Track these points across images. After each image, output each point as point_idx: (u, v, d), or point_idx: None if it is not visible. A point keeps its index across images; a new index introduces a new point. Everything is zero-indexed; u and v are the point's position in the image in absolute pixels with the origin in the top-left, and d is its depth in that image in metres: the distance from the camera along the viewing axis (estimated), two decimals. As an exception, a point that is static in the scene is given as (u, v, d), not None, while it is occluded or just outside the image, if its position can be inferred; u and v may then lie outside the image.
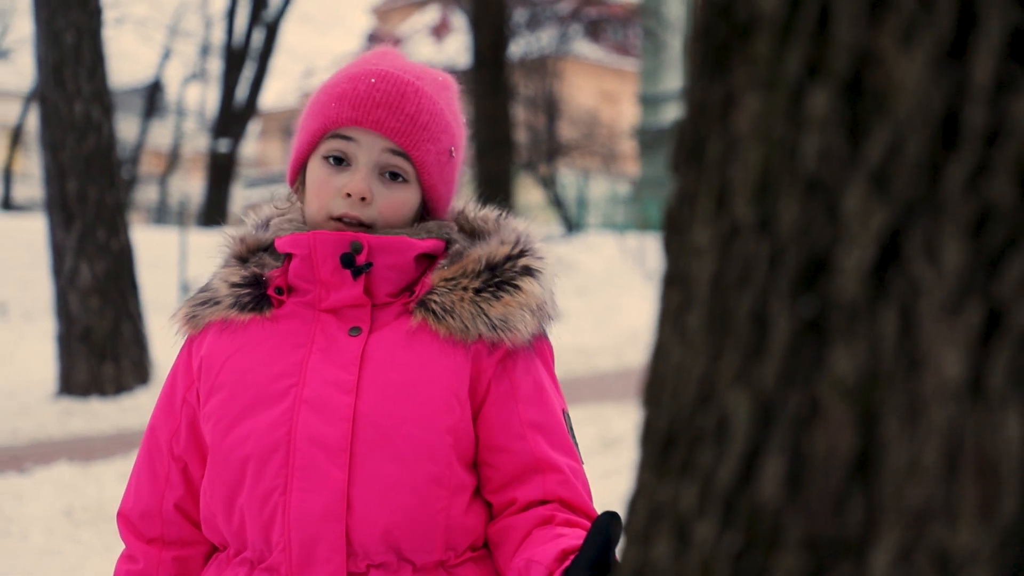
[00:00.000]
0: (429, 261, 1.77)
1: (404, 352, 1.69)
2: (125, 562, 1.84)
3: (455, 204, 1.85)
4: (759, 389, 0.69)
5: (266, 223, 1.85)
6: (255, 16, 27.81)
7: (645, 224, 25.55)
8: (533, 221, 1.87)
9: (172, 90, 40.79)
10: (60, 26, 9.77)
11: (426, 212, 1.81)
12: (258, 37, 27.91)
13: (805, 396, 0.67)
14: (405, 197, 1.75)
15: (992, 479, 0.60)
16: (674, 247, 0.79)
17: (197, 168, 40.90)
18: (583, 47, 38.83)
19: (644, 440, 0.79)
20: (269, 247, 1.82)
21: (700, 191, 0.76)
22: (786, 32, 0.70)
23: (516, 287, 1.71)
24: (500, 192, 16.43)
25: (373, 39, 40.84)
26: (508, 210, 1.88)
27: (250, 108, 28.36)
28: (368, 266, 1.70)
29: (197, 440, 1.78)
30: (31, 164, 34.39)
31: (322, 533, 1.64)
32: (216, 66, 32.63)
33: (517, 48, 26.78)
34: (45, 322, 13.71)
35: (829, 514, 0.65)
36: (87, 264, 9.77)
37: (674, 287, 0.78)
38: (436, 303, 1.69)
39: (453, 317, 1.68)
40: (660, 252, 0.82)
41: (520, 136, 25.62)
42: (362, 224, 1.72)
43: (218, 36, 35.68)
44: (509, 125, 18.04)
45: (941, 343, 0.62)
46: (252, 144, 38.13)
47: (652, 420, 0.78)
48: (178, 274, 17.23)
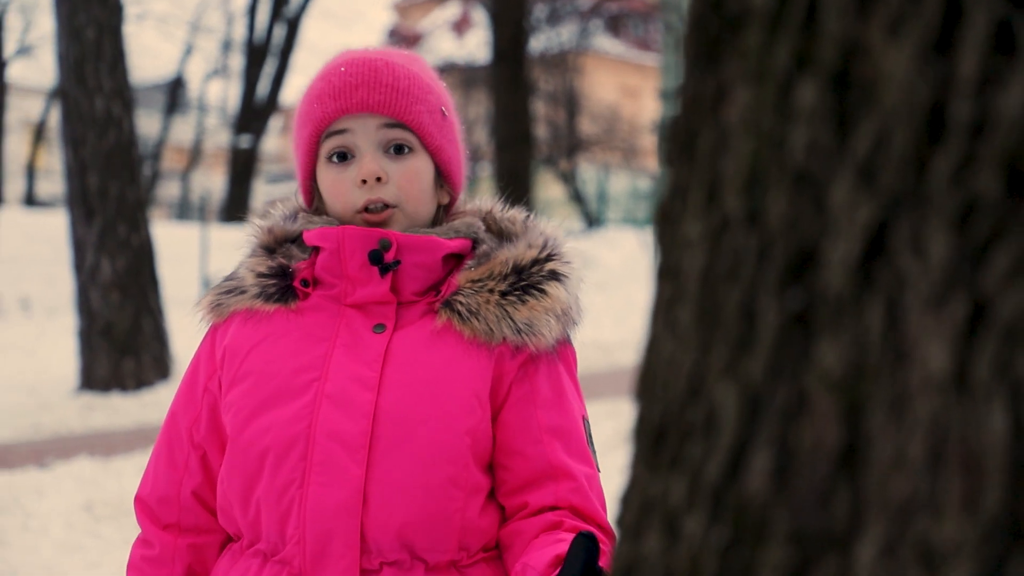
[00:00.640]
0: (456, 261, 1.78)
1: (427, 351, 1.70)
2: (140, 546, 1.86)
3: (482, 203, 1.86)
4: (747, 382, 0.69)
5: (294, 214, 1.85)
6: (276, 12, 27.88)
7: (666, 219, 25.42)
8: (559, 222, 1.87)
9: (194, 86, 41.02)
10: (81, 22, 9.81)
11: (443, 181, 1.81)
12: (279, 33, 27.99)
13: (792, 389, 0.66)
14: (418, 166, 1.76)
15: (976, 472, 0.60)
16: (667, 240, 0.79)
17: (219, 164, 41.03)
18: (604, 42, 38.78)
19: (637, 434, 0.79)
20: (296, 238, 1.82)
21: (692, 184, 0.76)
22: (775, 24, 0.70)
23: (542, 291, 1.71)
24: (520, 187, 16.47)
25: (394, 35, 40.87)
26: (533, 209, 1.89)
27: (271, 104, 28.44)
28: (396, 264, 1.71)
29: (217, 428, 1.79)
30: (54, 160, 34.55)
31: (337, 528, 1.64)
32: (237, 62, 32.78)
33: (537, 43, 26.78)
34: (68, 318, 13.78)
35: (815, 507, 0.65)
36: (108, 259, 9.81)
37: (666, 280, 0.78)
38: (462, 304, 1.70)
39: (478, 319, 1.69)
40: (654, 245, 0.82)
41: (541, 131, 25.62)
42: (387, 205, 1.73)
43: (239, 32, 35.76)
44: (529, 120, 18.03)
45: (926, 336, 0.62)
46: (273, 140, 38.23)
47: (644, 414, 0.78)
48: (199, 269, 17.30)
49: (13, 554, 5.32)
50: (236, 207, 26.35)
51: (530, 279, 1.72)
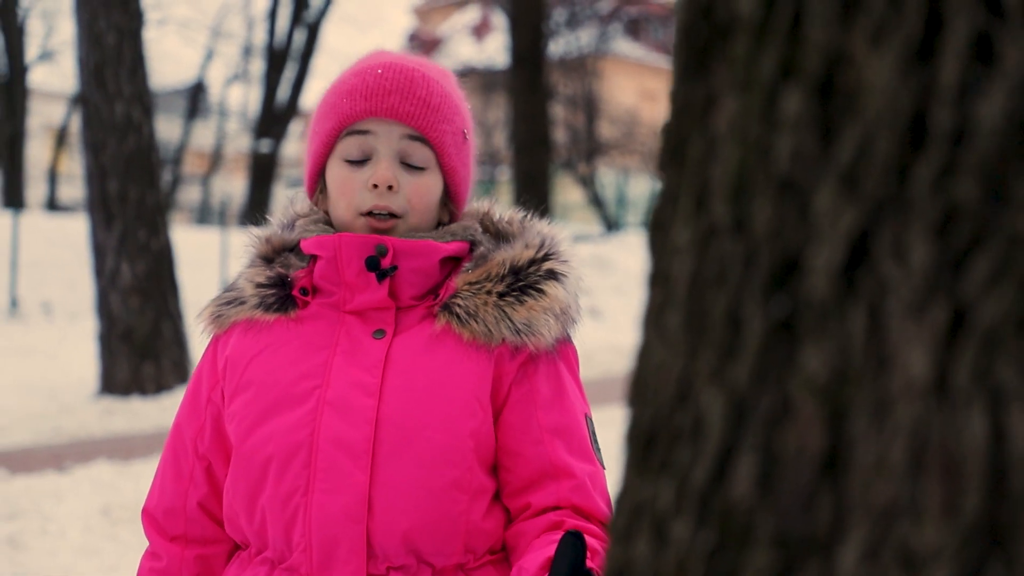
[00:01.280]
0: (454, 264, 1.78)
1: (427, 355, 1.70)
2: (149, 559, 1.87)
3: (480, 205, 1.86)
4: (733, 388, 0.69)
5: (292, 223, 1.85)
6: (296, 17, 27.93)
7: (685, 223, 25.41)
8: (558, 222, 1.87)
9: (215, 91, 41.22)
10: (101, 28, 9.87)
11: (448, 200, 1.82)
12: (299, 38, 28.03)
13: (777, 395, 0.67)
14: (430, 183, 1.76)
15: (956, 477, 0.61)
16: (658, 246, 0.79)
17: (239, 168, 41.17)
18: (623, 46, 38.75)
19: (628, 439, 0.80)
20: (295, 247, 1.83)
21: (681, 191, 0.77)
22: (761, 33, 0.70)
23: (540, 291, 1.71)
24: (538, 191, 16.48)
25: (414, 39, 40.94)
26: (538, 211, 1.89)
27: (292, 108, 28.49)
28: (393, 269, 1.71)
29: (221, 439, 1.80)
30: (75, 165, 34.73)
31: (342, 534, 1.65)
32: (258, 67, 32.89)
33: (557, 47, 26.78)
34: (89, 322, 13.86)
35: (799, 512, 0.65)
36: (128, 264, 9.86)
37: (657, 286, 0.78)
38: (460, 307, 1.70)
39: (477, 321, 1.69)
40: (646, 251, 0.82)
41: (560, 135, 25.62)
42: (393, 215, 1.73)
43: (260, 37, 35.83)
44: (547, 124, 18.04)
45: (908, 342, 0.62)
46: (294, 144, 38.32)
47: (635, 419, 0.79)
48: (219, 274, 17.36)
49: (31, 558, 5.34)
50: (256, 212, 26.35)
51: (528, 279, 1.72)
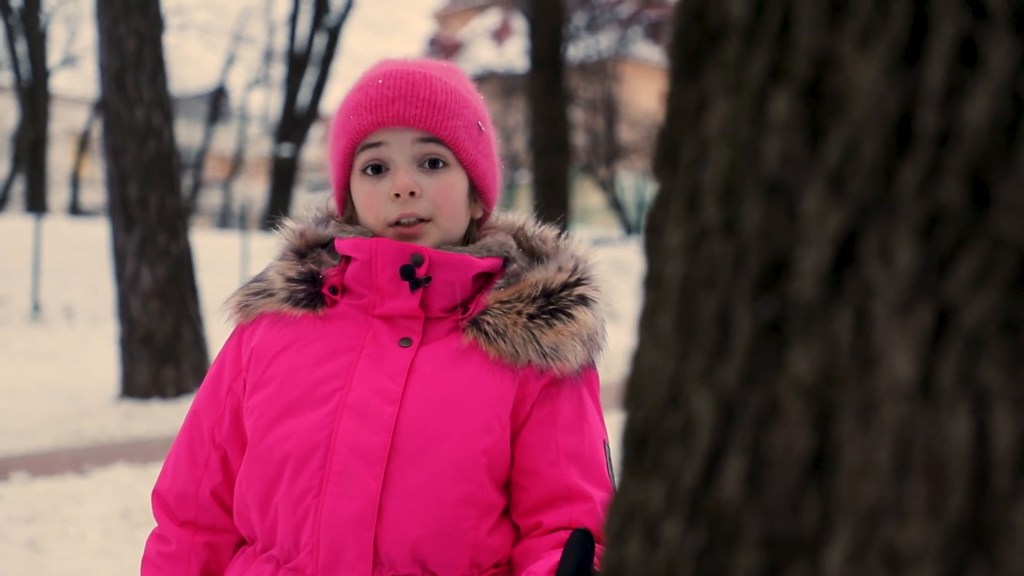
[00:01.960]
0: (485, 279, 1.78)
1: (452, 369, 1.70)
2: (156, 542, 1.86)
3: (515, 219, 1.86)
4: (722, 390, 0.70)
5: (327, 219, 1.86)
6: (317, 21, 28.03)
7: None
8: (578, 226, 1.87)
9: (236, 95, 41.28)
10: (121, 33, 9.93)
11: (477, 195, 1.82)
12: (320, 42, 28.13)
13: (765, 396, 0.67)
14: (452, 180, 1.76)
15: (940, 478, 0.61)
16: (652, 249, 0.80)
17: (260, 173, 41.28)
18: (643, 49, 38.69)
19: (623, 442, 0.80)
20: (327, 244, 1.83)
21: (674, 193, 0.77)
22: (751, 36, 0.71)
23: (570, 316, 1.71)
24: (557, 195, 16.47)
25: (434, 43, 40.98)
26: (570, 216, 1.88)
27: (312, 113, 28.58)
28: (427, 280, 1.71)
29: (239, 430, 1.80)
30: (98, 170, 34.86)
31: (351, 539, 1.65)
32: (279, 71, 32.97)
33: (577, 51, 26.78)
34: (110, 326, 13.91)
35: (786, 513, 0.66)
36: (148, 268, 9.91)
37: (650, 289, 0.79)
38: (489, 324, 1.70)
39: (504, 340, 1.69)
40: (642, 254, 0.83)
41: (580, 139, 25.61)
42: (421, 220, 1.73)
43: (281, 42, 35.96)
44: (566, 128, 18.03)
45: (893, 343, 0.63)
46: (314, 148, 38.42)
47: (629, 421, 0.79)
48: (240, 278, 17.41)
49: (51, 561, 5.37)
50: (277, 216, 26.45)
51: (559, 303, 1.72)
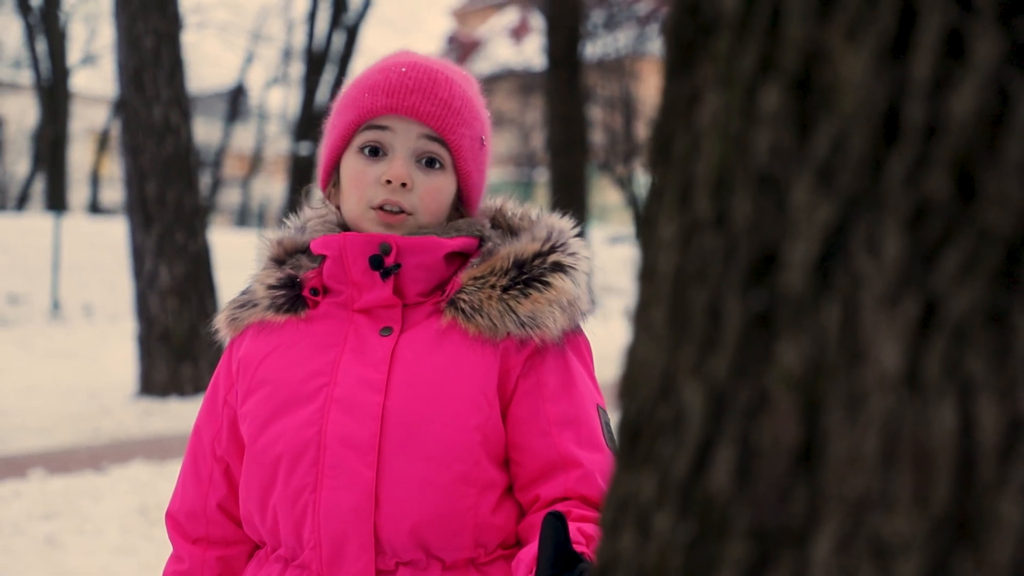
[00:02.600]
0: (462, 260, 1.79)
1: (434, 351, 1.71)
2: (173, 563, 1.89)
3: (493, 202, 1.87)
4: (712, 381, 0.70)
5: (304, 226, 1.88)
6: (336, 20, 28.05)
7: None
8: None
9: (254, 94, 41.40)
10: (139, 31, 9.96)
11: (460, 203, 1.83)
12: (339, 40, 28.15)
13: (755, 388, 0.68)
14: (443, 183, 1.77)
15: (926, 469, 0.61)
16: (646, 242, 0.80)
17: (279, 171, 41.41)
18: (661, 47, 38.64)
19: (618, 434, 0.80)
20: (307, 249, 1.85)
21: (667, 186, 0.77)
22: (742, 30, 0.71)
23: (546, 283, 1.71)
24: (575, 192, 16.46)
25: (452, 41, 41.00)
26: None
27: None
28: (396, 267, 1.72)
29: (237, 440, 1.82)
30: (117, 168, 35.01)
31: (351, 530, 1.66)
32: (297, 70, 33.06)
33: (595, 49, 26.76)
34: (129, 324, 13.97)
35: (774, 503, 0.66)
36: (166, 266, 9.95)
37: (644, 281, 0.79)
38: (465, 302, 1.71)
39: (481, 315, 1.69)
40: (637, 247, 0.83)
41: (597, 137, 25.59)
42: (404, 212, 1.75)
43: (299, 40, 35.96)
44: (584, 125, 18.02)
45: (880, 335, 0.63)
46: (333, 147, 38.35)
47: (624, 414, 0.79)
48: (258, 276, 17.42)
49: (69, 557, 5.40)
50: (295, 214, 26.50)
51: (532, 272, 1.72)
